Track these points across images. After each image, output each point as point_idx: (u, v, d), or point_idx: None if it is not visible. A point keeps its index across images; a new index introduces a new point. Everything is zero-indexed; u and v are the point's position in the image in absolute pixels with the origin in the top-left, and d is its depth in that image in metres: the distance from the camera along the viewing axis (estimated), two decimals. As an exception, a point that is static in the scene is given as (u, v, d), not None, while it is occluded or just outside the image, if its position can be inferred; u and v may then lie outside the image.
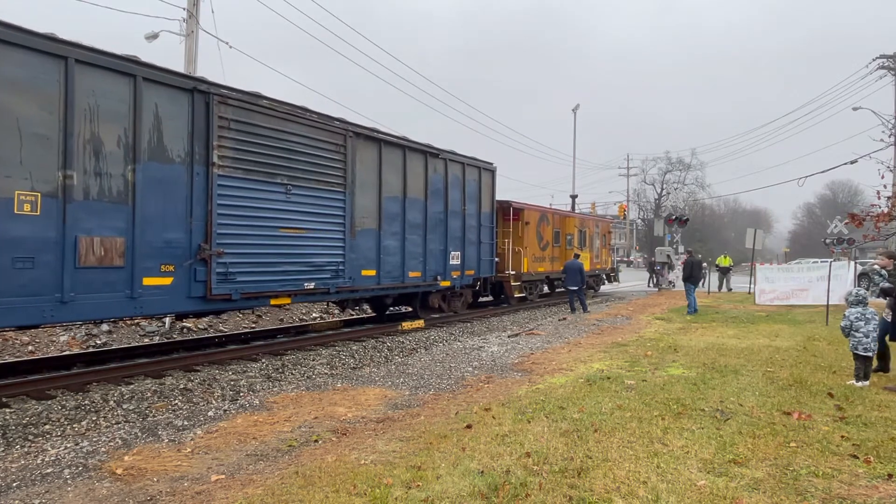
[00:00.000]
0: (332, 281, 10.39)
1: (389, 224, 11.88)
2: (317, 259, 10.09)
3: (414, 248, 12.61)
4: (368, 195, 11.34)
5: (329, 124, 10.33)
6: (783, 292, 18.76)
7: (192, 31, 15.20)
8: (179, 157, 7.96)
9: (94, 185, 7.02)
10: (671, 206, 47.95)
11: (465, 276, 14.63)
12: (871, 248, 44.79)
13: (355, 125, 10.99)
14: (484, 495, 3.77)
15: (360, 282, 11.17)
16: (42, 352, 10.00)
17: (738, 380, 7.35)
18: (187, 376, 8.23)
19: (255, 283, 8.99)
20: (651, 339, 11.25)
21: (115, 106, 7.19)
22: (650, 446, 4.73)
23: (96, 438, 5.26)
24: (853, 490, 3.93)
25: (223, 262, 8.42)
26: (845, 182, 73.59)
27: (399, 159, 12.19)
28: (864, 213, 15.20)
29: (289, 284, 9.60)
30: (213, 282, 8.30)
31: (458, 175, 14.34)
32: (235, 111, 8.63)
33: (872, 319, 7.16)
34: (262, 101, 9.06)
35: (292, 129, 9.56)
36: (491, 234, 15.91)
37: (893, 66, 28.62)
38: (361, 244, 11.13)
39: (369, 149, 11.38)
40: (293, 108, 9.61)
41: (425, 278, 12.99)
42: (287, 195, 9.44)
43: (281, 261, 9.42)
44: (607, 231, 26.23)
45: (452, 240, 13.99)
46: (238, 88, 8.75)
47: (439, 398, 6.72)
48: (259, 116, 9.00)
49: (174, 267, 7.90)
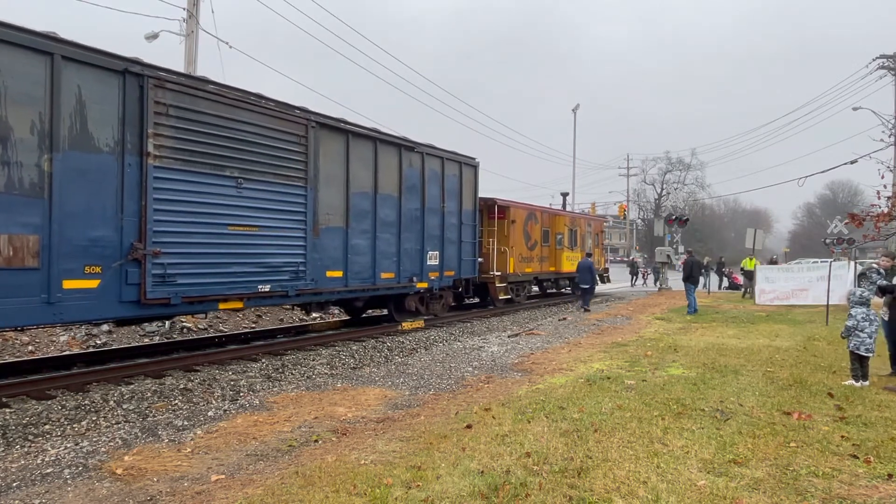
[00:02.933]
0: (290, 283, 9.58)
1: (358, 222, 11.09)
2: (273, 259, 9.28)
3: (386, 247, 11.84)
4: (334, 191, 10.52)
5: (288, 113, 9.53)
6: (783, 292, 18.76)
7: (192, 31, 15.21)
8: (108, 146, 7.11)
9: (1, 176, 6.19)
10: (671, 206, 47.94)
11: (445, 277, 13.82)
12: (871, 248, 44.86)
13: (318, 114, 10.13)
14: (484, 495, 3.77)
15: (325, 284, 10.36)
16: (42, 352, 10.00)
17: (738, 380, 7.35)
18: (187, 376, 8.22)
19: (199, 286, 8.18)
20: (651, 339, 11.25)
21: (27, 88, 6.36)
22: (650, 446, 4.73)
23: (96, 438, 5.26)
24: (853, 490, 3.93)
25: (160, 262, 7.62)
26: (845, 182, 73.67)
27: (369, 152, 11.38)
28: (864, 213, 15.21)
29: (240, 287, 8.79)
30: (147, 285, 7.49)
31: (437, 170, 13.48)
32: (176, 96, 7.81)
33: (875, 321, 7.24)
34: (208, 86, 8.28)
35: (245, 118, 8.76)
36: (473, 233, 15.08)
37: (893, 66, 28.62)
38: (326, 243, 10.34)
39: (335, 141, 10.56)
40: (245, 95, 8.84)
41: (399, 280, 12.23)
42: (238, 189, 8.64)
43: (230, 261, 8.60)
44: (600, 230, 25.59)
45: (430, 239, 13.16)
46: (179, 72, 8.03)
47: (439, 398, 6.72)
48: (205, 103, 8.19)
49: (101, 268, 7.05)
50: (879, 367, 8.14)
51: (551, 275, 20.89)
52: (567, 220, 22.00)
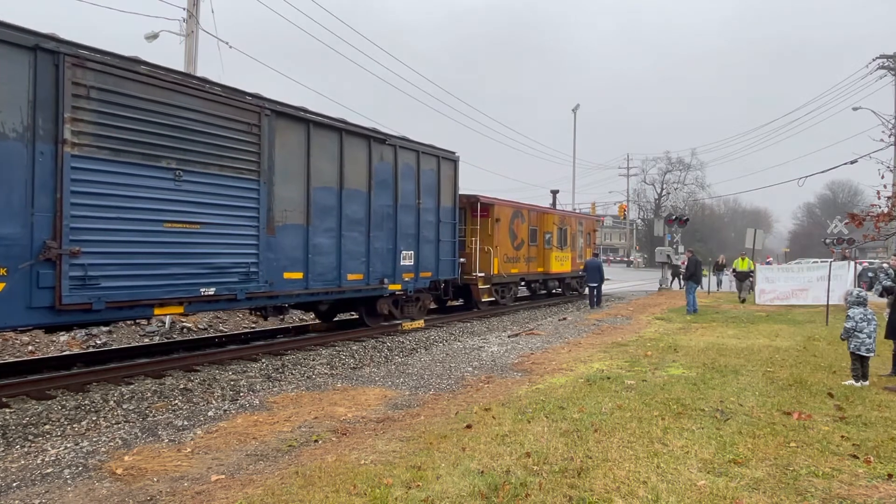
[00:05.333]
0: (240, 285, 8.73)
1: (321, 219, 10.24)
2: (218, 260, 8.42)
3: (354, 246, 10.98)
4: (293, 185, 9.69)
5: (237, 99, 8.68)
6: (783, 292, 18.77)
7: (192, 31, 15.23)
8: (15, 133, 6.27)
9: None
10: (671, 206, 48.01)
11: (421, 278, 12.95)
12: (871, 248, 44.86)
13: (274, 102, 9.30)
14: (484, 495, 3.77)
15: (282, 286, 9.52)
16: (42, 352, 10.01)
17: (738, 380, 7.35)
18: (187, 376, 8.22)
19: (128, 290, 7.31)
20: (651, 339, 11.25)
21: None
22: (650, 446, 4.73)
23: (96, 438, 5.26)
24: (853, 490, 3.93)
25: (80, 263, 6.75)
26: (845, 182, 73.73)
27: (334, 144, 10.54)
28: (864, 213, 15.19)
29: (179, 290, 7.94)
30: (63, 288, 6.61)
31: (412, 164, 12.63)
32: (99, 77, 6.95)
33: (873, 320, 7.26)
34: (140, 66, 7.40)
35: (185, 104, 7.92)
36: (452, 232, 14.19)
37: (893, 66, 28.64)
38: (283, 242, 9.49)
39: (294, 131, 9.71)
40: (186, 78, 8.05)
41: (368, 281, 11.37)
42: (177, 182, 7.80)
43: (167, 262, 7.74)
44: (592, 229, 24.59)
45: (404, 237, 12.33)
46: (103, 49, 7.10)
47: (439, 398, 6.72)
48: (136, 85, 7.33)
49: (6, 270, 6.22)
50: (879, 367, 8.14)
51: (539, 276, 19.94)
52: (556, 218, 20.93)
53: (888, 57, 28.69)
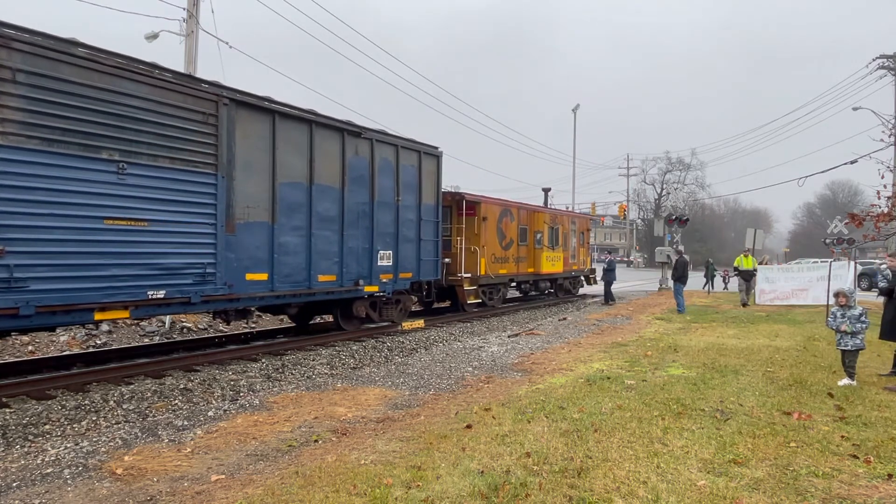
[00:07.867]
0: (194, 288, 8.08)
1: (289, 217, 9.55)
2: (169, 260, 7.75)
3: (326, 246, 10.27)
4: (257, 180, 9.00)
5: (191, 87, 8.03)
6: (783, 292, 18.78)
7: (192, 31, 15.23)
8: None
9: None
10: (671, 206, 47.91)
11: (400, 279, 12.26)
12: (871, 248, 44.85)
13: (234, 90, 8.63)
14: (484, 495, 3.78)
15: (243, 288, 8.83)
16: (42, 352, 10.01)
17: (738, 380, 7.35)
18: (187, 376, 8.22)
19: (63, 293, 6.66)
20: (651, 339, 11.25)
21: None
22: (650, 446, 4.73)
23: (96, 438, 5.26)
24: (853, 490, 3.93)
25: (5, 263, 6.14)
26: (845, 182, 73.76)
27: (303, 137, 9.84)
28: (864, 213, 15.19)
29: (123, 293, 7.25)
30: None
31: (391, 159, 11.90)
32: (28, 59, 6.26)
33: (865, 321, 7.40)
34: (78, 49, 6.74)
35: (131, 90, 7.23)
36: (435, 231, 13.41)
37: (893, 66, 28.64)
38: (245, 241, 8.82)
39: (257, 122, 9.03)
40: (132, 63, 7.29)
41: (342, 283, 10.67)
42: (120, 176, 7.11)
43: (109, 262, 7.08)
44: (585, 229, 23.79)
45: (381, 237, 11.63)
46: (33, 29, 6.40)
47: (439, 398, 6.72)
48: (72, 69, 6.65)
49: None
50: (879, 366, 8.15)
51: (529, 276, 19.16)
52: (548, 217, 20.17)
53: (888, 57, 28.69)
